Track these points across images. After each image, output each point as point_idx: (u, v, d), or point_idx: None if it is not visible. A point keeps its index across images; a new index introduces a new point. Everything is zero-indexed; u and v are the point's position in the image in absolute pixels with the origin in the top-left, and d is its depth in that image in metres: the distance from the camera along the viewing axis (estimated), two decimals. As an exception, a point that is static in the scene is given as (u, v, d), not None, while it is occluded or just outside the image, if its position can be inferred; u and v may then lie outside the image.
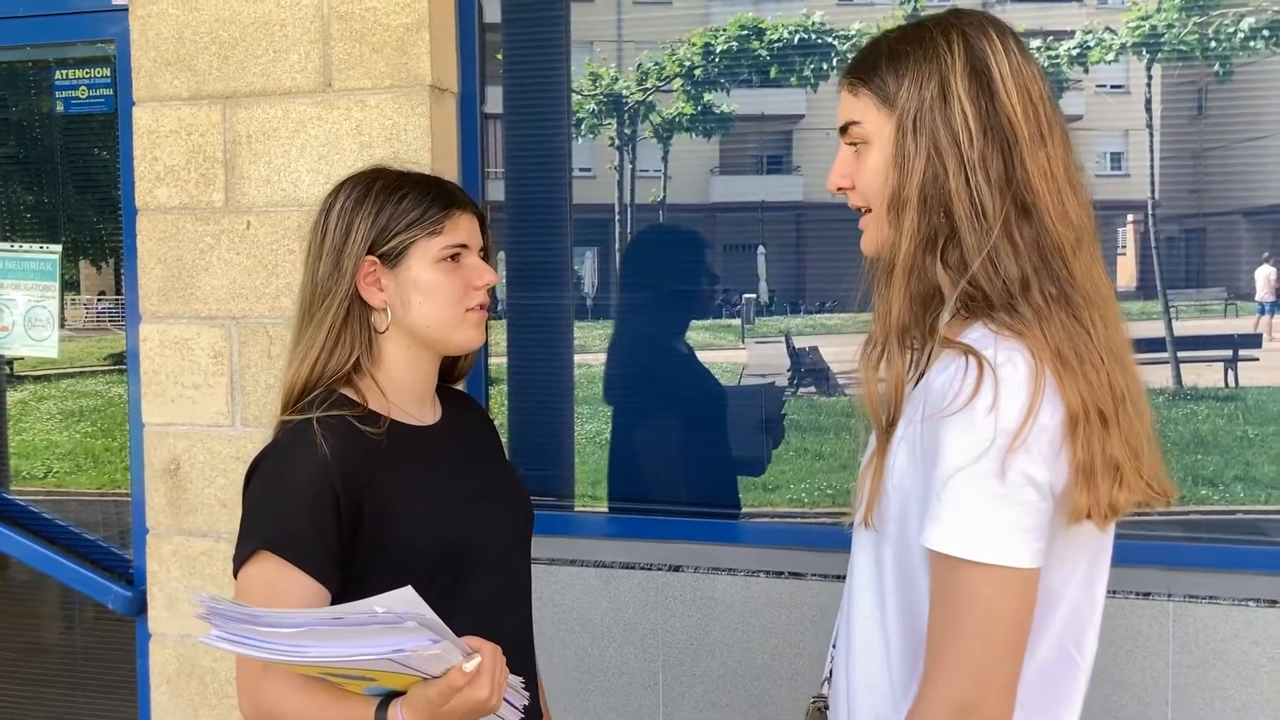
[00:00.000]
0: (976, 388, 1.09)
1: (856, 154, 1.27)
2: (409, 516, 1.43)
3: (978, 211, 1.16)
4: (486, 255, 1.58)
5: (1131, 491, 1.15)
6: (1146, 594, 2.21)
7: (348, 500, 1.37)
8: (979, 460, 1.08)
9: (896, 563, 1.22)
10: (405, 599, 1.09)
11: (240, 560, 1.38)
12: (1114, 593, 2.20)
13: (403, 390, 1.52)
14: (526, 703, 1.34)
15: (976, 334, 1.15)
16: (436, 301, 1.48)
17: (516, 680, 1.31)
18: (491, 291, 1.56)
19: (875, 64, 1.24)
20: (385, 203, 1.48)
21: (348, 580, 1.39)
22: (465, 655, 1.19)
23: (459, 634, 1.21)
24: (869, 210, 1.28)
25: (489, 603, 1.49)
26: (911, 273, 1.20)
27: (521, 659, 1.52)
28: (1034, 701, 1.18)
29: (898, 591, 1.23)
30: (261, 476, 1.43)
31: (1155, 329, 2.40)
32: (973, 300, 1.18)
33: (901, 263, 1.20)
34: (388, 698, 1.25)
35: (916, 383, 1.23)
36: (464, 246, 1.51)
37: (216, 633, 1.14)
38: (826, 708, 1.38)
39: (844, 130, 1.28)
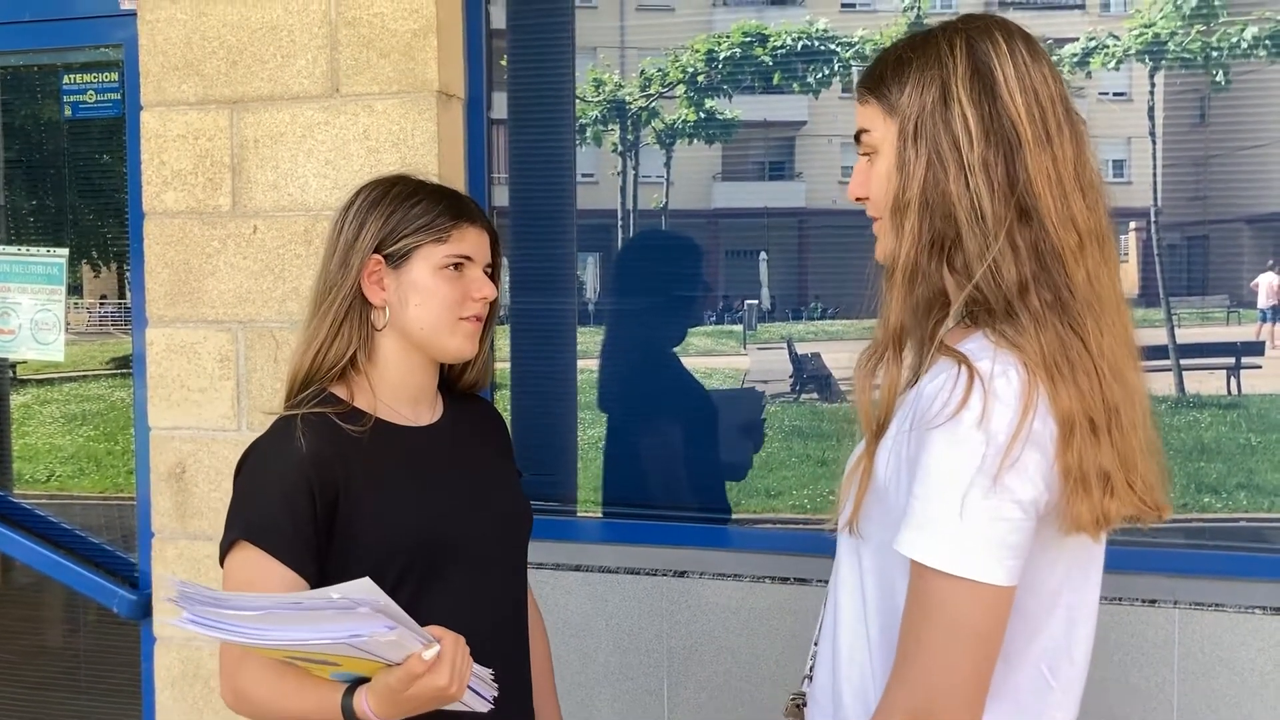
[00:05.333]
0: (965, 398, 1.08)
1: (870, 163, 1.28)
2: (382, 512, 1.47)
3: (978, 216, 1.15)
4: (495, 273, 1.61)
5: (1122, 503, 1.14)
6: (1152, 601, 2.21)
7: (323, 493, 1.43)
8: (966, 473, 1.07)
9: (877, 567, 1.22)
10: (363, 588, 1.13)
11: (223, 549, 1.45)
12: (1119, 599, 2.21)
13: (395, 390, 1.56)
14: (496, 693, 1.37)
15: (975, 343, 1.14)
16: (431, 305, 1.52)
17: (485, 671, 1.35)
18: (495, 303, 1.59)
19: (882, 73, 1.25)
20: (398, 206, 1.54)
21: (324, 572, 1.43)
22: (425, 643, 1.22)
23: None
24: (880, 219, 1.28)
25: (468, 602, 1.52)
26: (912, 278, 1.19)
27: (504, 658, 1.53)
28: None
29: (878, 595, 1.23)
30: (245, 470, 1.50)
31: (1158, 336, 2.41)
32: (976, 305, 1.17)
33: (901, 268, 1.20)
34: (355, 684, 1.30)
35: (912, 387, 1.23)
36: (468, 258, 1.55)
37: (187, 615, 1.18)
38: (804, 705, 1.38)
39: (857, 140, 1.29)
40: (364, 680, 1.29)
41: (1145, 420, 1.20)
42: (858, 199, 1.30)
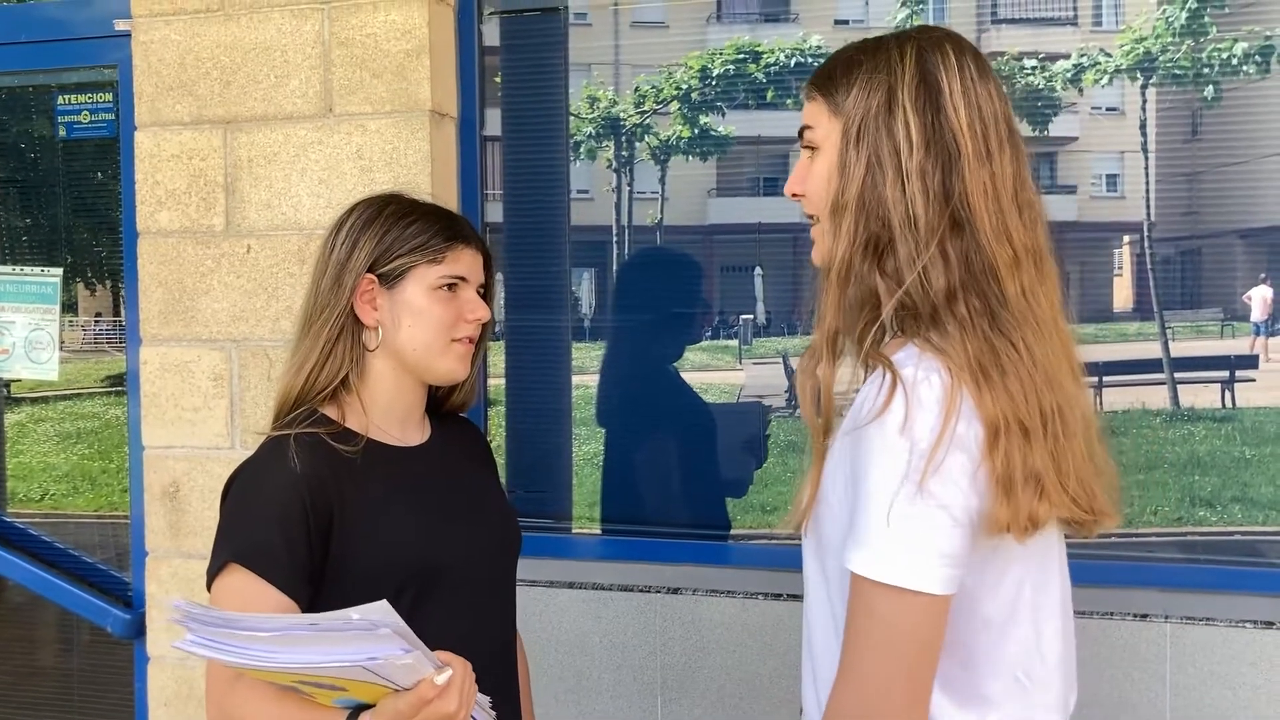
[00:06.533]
0: (887, 402, 1.09)
1: (810, 159, 1.28)
2: (375, 533, 1.46)
3: (912, 222, 1.16)
4: (487, 293, 1.61)
5: (1053, 505, 1.13)
6: (1144, 615, 2.21)
7: (317, 515, 1.41)
8: (891, 481, 1.07)
9: (840, 573, 1.21)
10: (381, 609, 1.11)
11: (212, 573, 1.42)
12: (1111, 614, 2.21)
13: (386, 410, 1.55)
14: None
15: (904, 352, 1.15)
16: (425, 326, 1.51)
17: (484, 699, 1.34)
18: (487, 324, 1.59)
19: (832, 72, 1.26)
20: (393, 226, 1.52)
21: (317, 594, 1.41)
22: (437, 668, 1.21)
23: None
24: (818, 221, 1.28)
25: (457, 623, 1.50)
26: (846, 278, 1.20)
27: (495, 680, 1.53)
28: None
29: (844, 600, 1.21)
30: (235, 490, 1.47)
31: (1152, 350, 2.41)
32: (905, 311, 1.18)
33: (837, 267, 1.20)
34: (357, 710, 1.27)
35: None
36: (462, 279, 1.54)
37: (192, 638, 1.15)
38: None
39: (801, 136, 1.30)
40: (365, 707, 1.26)
41: (1087, 429, 1.20)
42: (794, 195, 1.31)
